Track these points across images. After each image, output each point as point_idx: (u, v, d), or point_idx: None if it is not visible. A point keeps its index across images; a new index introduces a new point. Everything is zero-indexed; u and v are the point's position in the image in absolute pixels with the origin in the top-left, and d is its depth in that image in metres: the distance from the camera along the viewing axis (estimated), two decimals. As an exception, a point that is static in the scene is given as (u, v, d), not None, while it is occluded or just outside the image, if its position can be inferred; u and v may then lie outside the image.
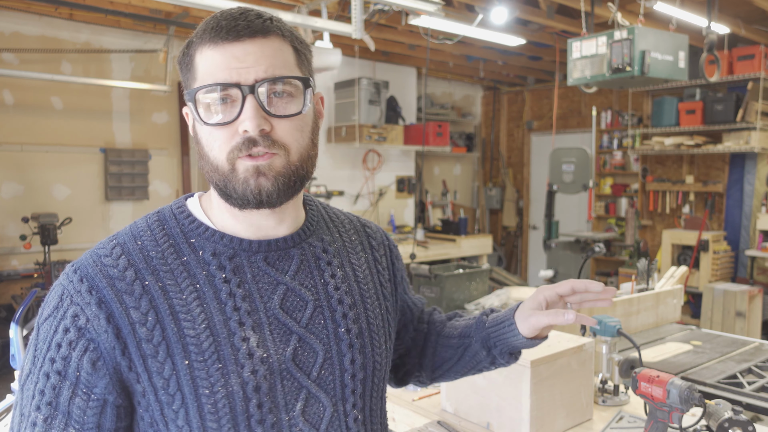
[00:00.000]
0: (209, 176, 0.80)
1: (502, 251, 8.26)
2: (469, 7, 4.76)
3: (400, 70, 6.97)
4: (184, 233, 0.83)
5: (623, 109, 6.89)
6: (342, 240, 0.95)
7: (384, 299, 0.96)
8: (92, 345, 0.75)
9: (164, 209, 0.87)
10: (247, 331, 0.79)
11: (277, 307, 0.82)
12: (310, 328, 0.83)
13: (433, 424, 1.66)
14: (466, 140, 8.09)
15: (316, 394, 0.83)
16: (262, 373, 0.78)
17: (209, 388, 0.76)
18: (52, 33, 4.89)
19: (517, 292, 3.72)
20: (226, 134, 0.78)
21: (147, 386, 0.76)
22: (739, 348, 2.32)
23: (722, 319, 5.03)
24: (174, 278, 0.79)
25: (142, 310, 0.76)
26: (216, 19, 0.78)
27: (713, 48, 3.80)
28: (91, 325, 0.75)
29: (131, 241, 0.81)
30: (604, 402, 1.77)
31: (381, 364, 0.91)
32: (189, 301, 0.78)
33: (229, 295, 0.79)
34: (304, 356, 0.82)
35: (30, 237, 4.52)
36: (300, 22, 3.78)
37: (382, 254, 1.01)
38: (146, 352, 0.75)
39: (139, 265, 0.79)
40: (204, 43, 0.78)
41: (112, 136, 5.28)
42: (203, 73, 0.78)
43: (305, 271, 0.86)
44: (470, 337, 1.03)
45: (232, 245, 0.83)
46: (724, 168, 6.04)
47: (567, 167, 5.39)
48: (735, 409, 1.33)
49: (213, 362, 0.76)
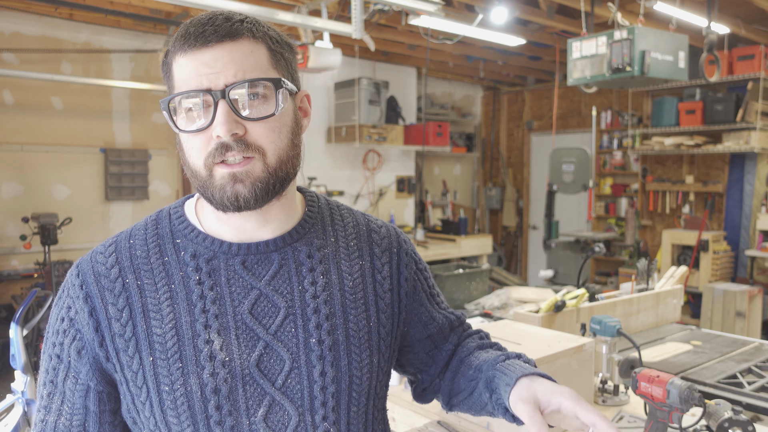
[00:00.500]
0: (192, 181, 0.82)
1: (502, 251, 8.26)
2: (469, 7, 4.76)
3: (400, 70, 6.97)
4: (172, 233, 0.86)
5: (623, 109, 6.89)
6: (337, 245, 0.91)
7: (377, 311, 0.91)
8: (78, 335, 0.82)
9: (164, 209, 0.91)
10: (212, 333, 0.80)
11: (247, 312, 0.82)
12: (278, 335, 0.82)
13: (433, 424, 1.66)
14: (466, 140, 8.09)
15: (281, 402, 0.82)
16: (223, 376, 0.79)
17: (169, 386, 0.79)
18: (52, 33, 4.89)
19: (517, 292, 3.71)
20: (202, 140, 0.78)
21: (121, 377, 0.81)
22: (739, 348, 2.32)
23: (722, 319, 5.04)
24: (152, 277, 0.82)
25: (119, 306, 0.81)
26: (186, 27, 0.78)
27: (713, 48, 3.80)
28: (79, 317, 0.82)
29: (125, 240, 0.86)
30: (604, 402, 1.77)
31: (361, 379, 0.87)
32: (161, 301, 0.81)
33: (200, 297, 0.81)
34: (269, 363, 0.82)
35: (30, 237, 4.52)
36: (300, 22, 3.78)
37: (385, 262, 0.94)
38: (119, 346, 0.80)
39: (124, 264, 0.83)
40: (177, 51, 0.79)
41: (112, 136, 5.29)
42: (179, 81, 0.79)
43: (283, 276, 0.85)
44: (480, 373, 0.93)
45: (212, 247, 0.84)
46: (724, 168, 6.04)
47: (567, 167, 5.39)
48: (735, 409, 1.33)
49: (174, 361, 0.79)
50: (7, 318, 4.52)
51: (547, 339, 1.65)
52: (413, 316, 0.98)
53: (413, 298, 0.98)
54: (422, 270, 1.01)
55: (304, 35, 4.28)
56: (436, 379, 1.03)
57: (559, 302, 2.04)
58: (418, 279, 0.99)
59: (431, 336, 1.01)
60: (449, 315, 1.04)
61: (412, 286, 0.98)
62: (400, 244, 0.98)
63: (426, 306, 1.00)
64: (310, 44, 4.15)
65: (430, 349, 1.02)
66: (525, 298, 3.61)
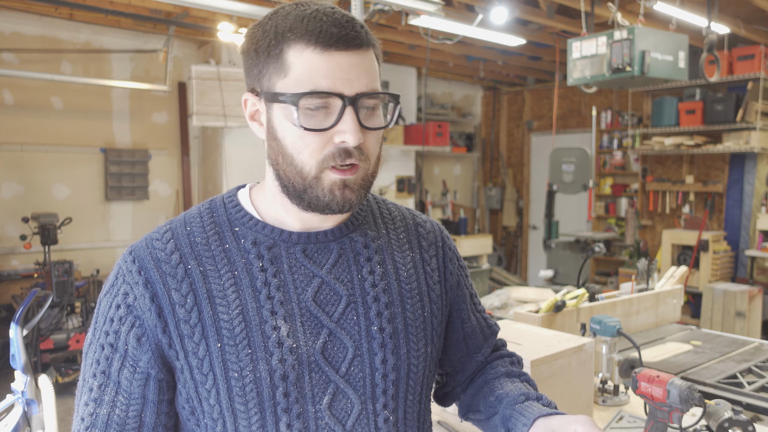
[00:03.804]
0: (287, 177, 0.81)
1: (502, 251, 8.26)
2: (469, 7, 4.76)
3: (400, 70, 6.98)
4: (230, 221, 0.86)
5: (623, 109, 6.89)
6: (388, 237, 0.93)
7: (430, 302, 0.93)
8: (138, 321, 0.79)
9: (216, 198, 0.90)
10: (278, 320, 0.80)
11: (311, 299, 0.83)
12: (341, 323, 0.84)
13: (433, 424, 1.66)
14: (466, 140, 8.09)
15: (344, 390, 0.83)
16: (290, 363, 0.80)
17: (238, 372, 0.78)
18: (52, 33, 4.90)
19: (517, 292, 3.72)
20: (319, 141, 0.78)
21: (184, 364, 0.79)
22: (739, 348, 2.32)
23: (722, 319, 5.04)
24: (215, 264, 0.82)
25: (182, 292, 0.80)
26: (321, 22, 0.76)
27: (713, 48, 3.80)
28: (138, 303, 0.79)
29: (181, 227, 0.85)
30: (604, 402, 1.77)
31: (418, 368, 0.89)
32: (226, 287, 0.81)
33: (264, 283, 0.81)
34: (333, 350, 0.83)
35: (30, 237, 4.52)
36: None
37: (432, 255, 0.97)
38: (183, 332, 0.79)
39: (184, 250, 0.82)
40: (304, 42, 0.76)
41: (112, 136, 5.29)
42: (302, 75, 0.76)
43: (343, 265, 0.86)
44: (500, 405, 0.94)
45: (272, 235, 0.85)
46: (724, 168, 6.04)
47: (567, 167, 5.39)
48: (735, 409, 1.33)
49: (243, 347, 0.79)
50: (7, 318, 4.52)
51: (547, 339, 1.65)
52: (454, 311, 1.01)
53: (456, 293, 1.00)
54: (464, 267, 1.04)
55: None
56: (458, 388, 1.06)
57: (559, 302, 2.04)
58: (461, 275, 1.02)
59: (466, 338, 1.03)
60: (483, 320, 1.06)
61: (456, 281, 1.00)
62: (444, 239, 1.01)
63: (467, 303, 1.02)
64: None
65: (462, 355, 1.03)
66: (525, 298, 3.61)
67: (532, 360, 1.47)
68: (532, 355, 1.49)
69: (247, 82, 0.83)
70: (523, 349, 1.55)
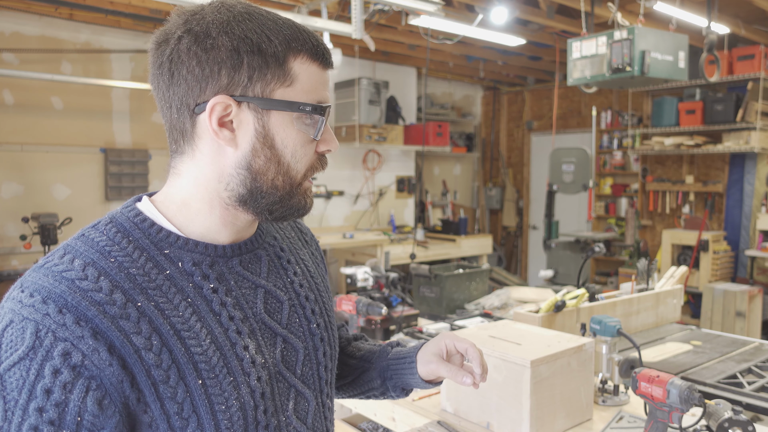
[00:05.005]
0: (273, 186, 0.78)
1: (502, 251, 8.26)
2: (469, 7, 4.76)
3: (400, 70, 6.98)
4: (154, 244, 0.76)
5: (623, 109, 6.90)
6: (287, 238, 0.96)
7: (329, 290, 1.00)
8: (94, 383, 0.66)
9: (117, 218, 0.79)
10: (245, 339, 0.78)
11: (262, 310, 0.82)
12: (290, 328, 0.86)
13: (433, 424, 1.66)
14: (466, 140, 8.09)
15: (302, 391, 0.85)
16: (265, 379, 0.79)
17: (224, 404, 0.74)
18: (52, 33, 4.89)
19: (517, 292, 3.71)
20: (311, 150, 0.81)
21: (158, 415, 0.70)
22: (739, 348, 2.32)
23: (722, 319, 5.04)
24: (164, 295, 0.73)
25: (144, 334, 0.69)
26: (314, 39, 0.79)
27: (713, 48, 3.80)
28: (90, 360, 0.66)
29: (102, 260, 0.72)
30: (604, 402, 1.77)
31: (336, 351, 0.96)
32: (187, 317, 0.74)
33: (221, 304, 0.77)
34: (289, 356, 0.84)
35: (30, 237, 4.52)
36: (300, 22, 3.77)
37: (315, 248, 1.03)
38: (156, 379, 0.69)
39: (124, 286, 0.71)
40: (305, 54, 0.78)
41: (112, 136, 5.29)
42: (308, 85, 0.78)
43: (274, 271, 0.87)
44: (370, 363, 1.07)
45: (207, 252, 0.79)
46: (724, 168, 6.04)
47: (567, 167, 5.39)
48: (735, 409, 1.33)
49: (224, 376, 0.74)
50: (7, 318, 4.51)
51: (547, 339, 1.65)
52: None
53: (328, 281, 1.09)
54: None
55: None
56: None
57: (559, 302, 2.04)
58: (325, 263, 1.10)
59: None
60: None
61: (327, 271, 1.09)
62: (312, 234, 1.07)
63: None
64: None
65: None
66: (525, 298, 3.61)
67: (532, 360, 1.47)
68: (532, 355, 1.49)
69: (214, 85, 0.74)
70: (523, 349, 1.55)
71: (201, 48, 0.73)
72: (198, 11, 0.76)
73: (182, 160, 0.80)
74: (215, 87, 0.74)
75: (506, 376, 1.53)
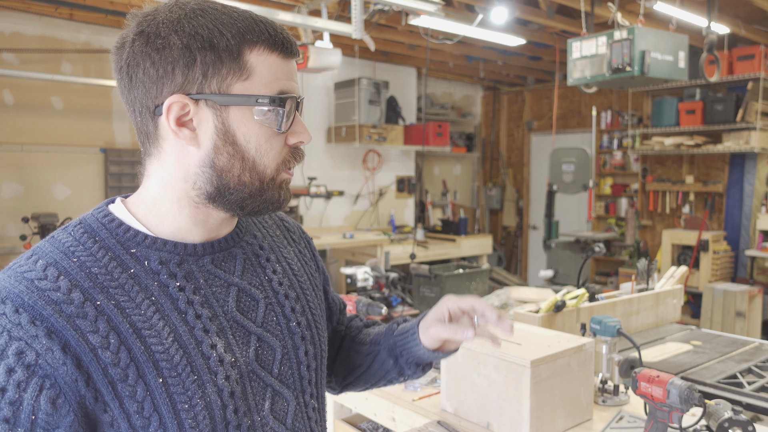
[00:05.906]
0: (240, 183, 0.77)
1: (502, 251, 8.26)
2: (469, 7, 4.76)
3: (400, 70, 6.98)
4: (120, 243, 0.76)
5: (623, 109, 6.90)
6: (270, 236, 0.95)
7: (317, 289, 0.99)
8: (48, 382, 0.66)
9: (86, 219, 0.79)
10: (212, 337, 0.77)
11: (234, 309, 0.81)
12: (265, 326, 0.84)
13: (433, 424, 1.66)
14: (466, 140, 8.09)
15: (280, 391, 0.84)
16: (234, 378, 0.78)
17: (187, 402, 0.73)
18: (52, 33, 4.90)
19: (517, 292, 3.71)
20: (280, 142, 0.79)
21: (117, 414, 0.70)
22: (739, 348, 2.32)
23: (722, 319, 5.04)
24: (126, 293, 0.73)
25: (101, 333, 0.69)
26: (272, 29, 0.77)
27: (713, 48, 3.80)
28: (44, 359, 0.66)
29: (64, 260, 0.72)
30: (604, 402, 1.77)
31: (325, 351, 0.95)
32: (149, 316, 0.73)
33: (187, 302, 0.76)
34: (264, 355, 0.83)
35: (30, 237, 4.52)
36: (300, 22, 3.78)
37: (304, 246, 1.02)
38: (114, 378, 0.69)
39: (84, 285, 0.71)
40: (267, 46, 0.76)
41: (112, 136, 5.29)
42: (268, 78, 0.76)
43: (250, 269, 0.86)
44: (379, 345, 1.03)
45: (176, 251, 0.78)
46: (724, 168, 6.04)
47: (567, 167, 5.39)
48: (735, 409, 1.33)
49: (187, 375, 0.73)
50: (7, 318, 4.51)
51: (547, 339, 1.65)
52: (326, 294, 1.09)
53: (324, 277, 1.08)
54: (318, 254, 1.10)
55: (304, 35, 4.29)
56: (329, 362, 1.10)
57: (559, 302, 2.04)
58: (321, 262, 1.08)
59: (332, 317, 1.11)
60: (337, 298, 1.15)
61: (323, 269, 1.08)
62: (303, 232, 1.06)
63: (328, 284, 1.10)
64: (310, 44, 4.15)
65: (330, 332, 1.11)
66: (525, 298, 3.61)
67: (532, 360, 1.47)
68: (532, 355, 1.49)
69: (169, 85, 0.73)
70: (523, 349, 1.55)
71: (153, 49, 0.72)
72: (151, 12, 0.75)
73: (150, 162, 0.80)
74: (171, 87, 0.73)
75: (506, 376, 1.53)
